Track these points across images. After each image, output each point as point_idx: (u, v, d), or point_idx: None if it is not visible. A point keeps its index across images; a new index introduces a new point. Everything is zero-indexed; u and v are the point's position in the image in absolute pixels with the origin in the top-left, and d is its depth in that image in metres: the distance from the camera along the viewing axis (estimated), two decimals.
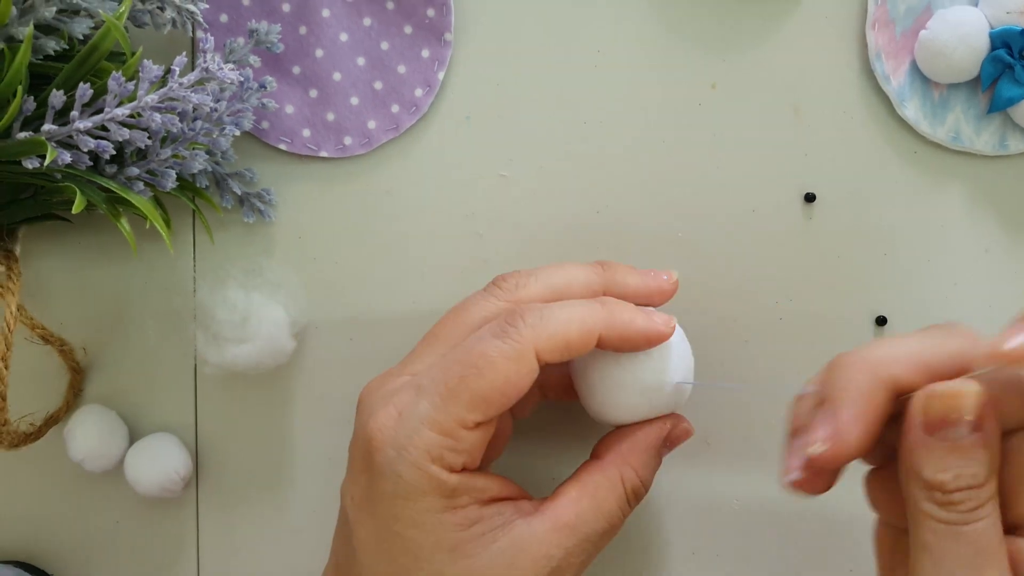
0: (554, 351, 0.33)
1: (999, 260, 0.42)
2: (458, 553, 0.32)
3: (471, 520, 0.33)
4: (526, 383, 0.32)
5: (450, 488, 0.32)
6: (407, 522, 0.33)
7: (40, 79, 0.35)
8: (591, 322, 0.33)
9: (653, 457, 0.35)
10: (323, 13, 0.41)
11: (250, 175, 0.41)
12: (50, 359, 0.42)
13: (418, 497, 0.32)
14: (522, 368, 0.32)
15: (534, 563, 0.32)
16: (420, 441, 0.32)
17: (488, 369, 0.32)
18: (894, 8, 0.41)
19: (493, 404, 0.32)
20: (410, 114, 0.41)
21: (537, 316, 0.33)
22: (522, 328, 0.33)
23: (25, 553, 0.43)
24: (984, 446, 0.28)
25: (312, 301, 0.42)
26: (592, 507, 0.34)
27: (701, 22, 0.41)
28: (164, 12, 0.36)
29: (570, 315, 0.33)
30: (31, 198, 0.38)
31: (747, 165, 0.42)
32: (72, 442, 0.41)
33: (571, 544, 0.33)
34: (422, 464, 0.32)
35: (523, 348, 0.32)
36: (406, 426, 0.33)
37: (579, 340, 0.33)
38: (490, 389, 0.32)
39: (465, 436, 0.32)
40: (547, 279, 0.36)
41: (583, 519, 0.33)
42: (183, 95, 0.34)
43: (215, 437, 0.43)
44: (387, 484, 0.33)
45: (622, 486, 0.34)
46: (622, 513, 0.34)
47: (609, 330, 0.33)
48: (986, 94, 0.41)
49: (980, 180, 0.42)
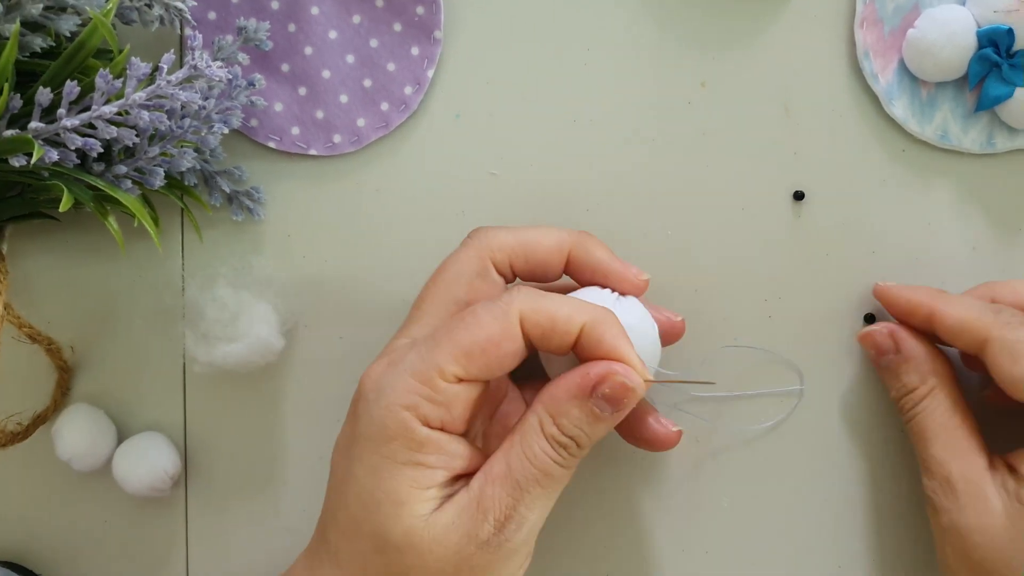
0: (537, 324, 0.33)
1: (986, 258, 0.42)
2: (405, 509, 0.32)
3: (431, 483, 0.33)
4: (509, 347, 0.33)
5: (418, 441, 0.33)
6: (367, 467, 0.33)
7: (27, 76, 0.35)
8: (581, 313, 0.33)
9: (575, 406, 0.33)
10: (312, 11, 0.41)
11: (239, 173, 0.41)
12: (38, 358, 0.41)
13: (384, 442, 0.33)
14: (505, 328, 0.33)
15: (471, 520, 0.32)
16: (400, 385, 0.33)
17: (473, 324, 0.33)
18: (882, 7, 0.41)
19: (474, 359, 0.33)
20: (400, 112, 0.41)
21: (531, 291, 0.34)
22: (514, 295, 0.34)
23: (13, 553, 0.43)
24: (905, 361, 0.39)
25: (301, 299, 0.42)
26: (518, 455, 0.33)
27: (691, 21, 0.41)
28: (152, 9, 0.36)
29: (562, 301, 0.34)
30: (18, 196, 0.37)
31: (736, 163, 0.42)
32: (60, 441, 0.41)
33: (503, 494, 0.33)
34: (394, 408, 0.33)
35: (509, 309, 0.33)
36: (391, 373, 0.34)
37: (565, 322, 0.33)
38: (471, 342, 0.33)
39: (443, 388, 0.33)
40: (518, 231, 0.37)
41: (511, 467, 0.33)
42: (171, 93, 0.34)
43: (204, 436, 0.43)
44: (361, 426, 0.34)
45: (541, 432, 0.33)
46: (549, 459, 0.33)
47: (593, 327, 0.33)
48: (973, 92, 0.41)
49: (967, 178, 0.42)
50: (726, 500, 0.43)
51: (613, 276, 0.37)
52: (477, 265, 0.37)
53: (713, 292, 0.42)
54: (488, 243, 0.37)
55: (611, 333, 0.33)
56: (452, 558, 0.32)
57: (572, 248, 0.37)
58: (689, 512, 0.43)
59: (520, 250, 0.37)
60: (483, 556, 0.32)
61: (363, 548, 0.33)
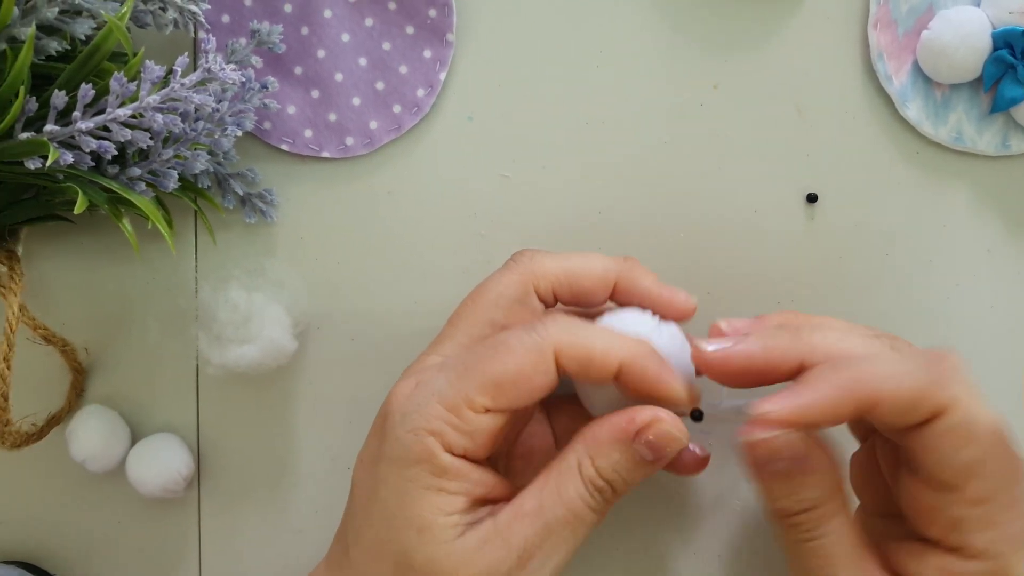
0: (573, 358, 0.32)
1: (1001, 260, 0.42)
2: (427, 535, 0.32)
3: (454, 510, 0.33)
4: (541, 380, 0.32)
5: (441, 467, 0.32)
6: (392, 488, 0.33)
7: (42, 80, 0.35)
8: (619, 348, 0.33)
9: (616, 449, 0.33)
10: (325, 14, 0.41)
11: (252, 175, 0.41)
12: (52, 359, 0.42)
13: (408, 465, 0.33)
14: (539, 362, 0.32)
15: (494, 552, 0.32)
16: (426, 411, 0.32)
17: (505, 354, 0.32)
18: (896, 8, 0.41)
19: (504, 392, 0.32)
20: (412, 114, 0.42)
21: (567, 323, 0.33)
22: (549, 326, 0.33)
23: (27, 553, 0.43)
24: (809, 472, 0.32)
25: (314, 301, 0.42)
26: (552, 494, 0.33)
27: (703, 22, 0.41)
28: (166, 13, 0.36)
29: (600, 333, 0.33)
30: (33, 199, 0.38)
31: (749, 165, 0.42)
32: (74, 442, 0.41)
33: (529, 532, 0.32)
34: (420, 433, 0.32)
35: (543, 343, 0.32)
36: (419, 396, 0.33)
37: (602, 357, 0.32)
38: (502, 374, 0.32)
39: (470, 418, 0.32)
40: (563, 258, 0.36)
41: (543, 506, 0.33)
42: (185, 95, 0.34)
43: (217, 437, 0.43)
44: (386, 447, 0.33)
45: (579, 473, 0.33)
46: (583, 503, 0.33)
47: (633, 363, 0.33)
48: (988, 94, 0.41)
49: (982, 180, 0.42)
50: (738, 502, 0.42)
51: (661, 304, 0.36)
52: (519, 290, 0.36)
53: (726, 295, 0.42)
54: (532, 268, 0.36)
55: (653, 369, 0.33)
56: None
57: (619, 278, 0.36)
58: (700, 515, 0.43)
59: (565, 278, 0.36)
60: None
61: (385, 570, 0.33)
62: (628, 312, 0.36)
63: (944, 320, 0.42)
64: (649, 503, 0.43)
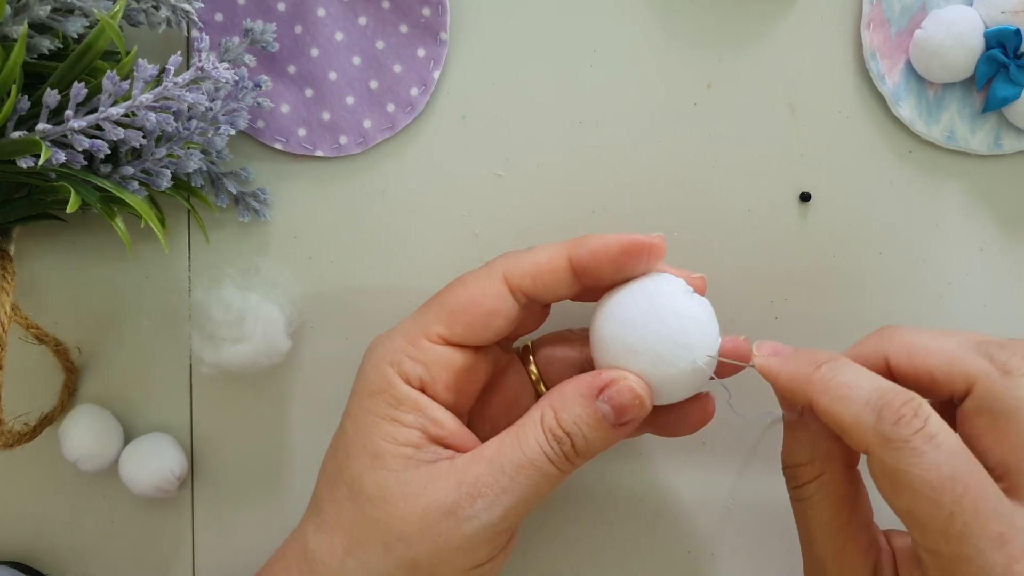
0: (524, 275, 0.34)
1: (994, 258, 0.42)
2: (379, 462, 0.33)
3: (407, 442, 0.34)
4: (494, 305, 0.34)
5: (397, 397, 0.34)
6: (352, 418, 0.35)
7: (34, 78, 0.35)
8: (559, 247, 0.34)
9: (579, 403, 0.33)
10: (319, 12, 0.41)
11: (245, 174, 0.41)
12: (45, 359, 0.42)
13: (368, 395, 0.34)
14: (488, 288, 0.34)
15: (443, 488, 0.33)
16: (389, 344, 0.35)
17: (459, 287, 0.35)
18: (889, 8, 0.41)
19: (458, 319, 0.34)
20: (406, 113, 0.41)
21: (513, 253, 0.35)
22: (497, 260, 0.35)
23: (20, 553, 0.43)
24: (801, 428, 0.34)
25: (308, 300, 0.42)
26: (511, 441, 0.33)
27: (697, 22, 0.41)
28: (159, 11, 0.36)
29: (542, 247, 0.35)
30: (25, 197, 0.37)
31: (743, 164, 0.42)
32: (67, 442, 0.41)
33: (483, 471, 0.33)
34: (380, 364, 0.34)
35: (492, 269, 0.35)
36: (386, 335, 0.36)
37: (547, 262, 0.34)
38: (455, 303, 0.34)
39: (427, 347, 0.34)
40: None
41: (500, 452, 0.33)
42: (178, 94, 0.34)
43: (211, 437, 0.43)
44: (355, 384, 0.35)
45: (540, 423, 0.33)
46: (540, 449, 0.33)
47: (577, 248, 0.34)
48: (981, 93, 0.41)
49: (975, 179, 0.42)
50: (732, 501, 0.42)
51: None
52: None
53: (719, 294, 0.42)
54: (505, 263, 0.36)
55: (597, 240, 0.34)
56: (417, 520, 0.33)
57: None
58: (694, 514, 0.43)
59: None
60: (447, 524, 0.33)
61: (340, 495, 0.34)
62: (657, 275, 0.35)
63: (937, 318, 0.42)
64: (642, 501, 0.43)
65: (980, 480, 0.29)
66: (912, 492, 0.29)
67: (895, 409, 0.30)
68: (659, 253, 0.34)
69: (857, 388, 0.31)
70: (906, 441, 0.29)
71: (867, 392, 0.30)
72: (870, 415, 0.30)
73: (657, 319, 0.33)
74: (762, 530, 0.42)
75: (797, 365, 0.32)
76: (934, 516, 0.29)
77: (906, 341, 0.33)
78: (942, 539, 0.29)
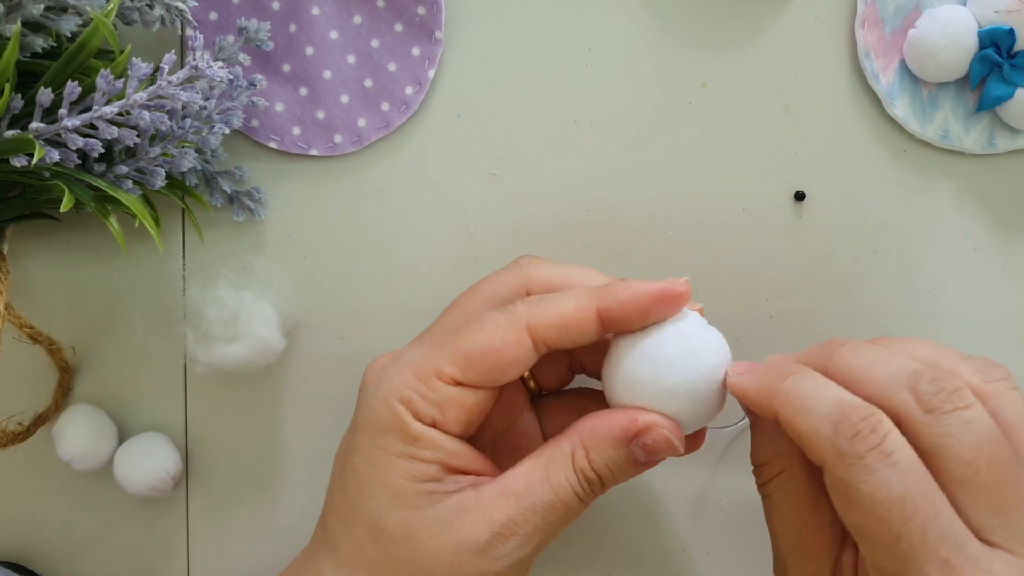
0: (549, 327, 0.33)
1: (988, 257, 0.42)
2: (401, 501, 0.33)
3: (427, 477, 0.33)
4: (512, 355, 0.33)
5: (412, 435, 0.33)
6: (363, 455, 0.33)
7: (28, 77, 0.35)
8: (586, 298, 0.33)
9: (612, 446, 0.33)
10: (313, 11, 0.41)
11: (240, 173, 0.41)
12: (39, 358, 0.41)
13: (380, 432, 0.33)
14: (510, 338, 0.33)
15: (473, 525, 0.32)
16: (397, 379, 0.33)
17: (477, 330, 0.33)
18: (883, 7, 0.41)
19: (473, 364, 0.33)
20: (400, 112, 0.41)
21: (536, 299, 0.34)
22: (519, 306, 0.34)
23: (14, 553, 0.43)
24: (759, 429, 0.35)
25: (302, 299, 0.42)
26: (541, 478, 0.33)
27: (692, 21, 0.41)
28: (153, 9, 0.36)
29: (567, 296, 0.34)
30: (19, 196, 0.37)
31: (737, 163, 0.42)
32: (61, 442, 0.41)
33: (514, 511, 0.32)
34: (390, 400, 0.33)
35: (515, 320, 0.33)
36: (392, 366, 0.34)
37: (574, 314, 0.33)
38: (472, 347, 0.33)
39: (439, 388, 0.33)
40: (561, 267, 0.36)
41: (530, 488, 0.33)
42: (172, 93, 0.34)
43: (205, 436, 0.43)
44: (360, 416, 0.34)
45: (571, 462, 0.33)
46: (572, 490, 0.33)
47: (605, 299, 0.33)
48: (974, 93, 0.41)
49: (969, 178, 0.42)
50: (727, 500, 0.43)
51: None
52: (512, 290, 0.36)
53: (714, 293, 0.42)
54: (529, 272, 0.36)
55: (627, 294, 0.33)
56: (446, 558, 0.32)
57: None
58: (690, 512, 0.43)
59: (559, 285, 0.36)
60: (477, 563, 0.32)
61: (358, 535, 0.33)
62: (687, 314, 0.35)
63: (931, 317, 0.42)
64: (638, 501, 0.43)
65: (932, 503, 0.28)
66: (861, 509, 0.29)
67: (852, 424, 0.29)
68: (687, 299, 0.34)
69: (819, 400, 0.30)
70: (860, 457, 0.29)
71: (828, 405, 0.30)
72: (828, 428, 0.30)
73: (694, 358, 0.33)
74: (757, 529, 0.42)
75: (764, 379, 0.32)
76: (881, 535, 0.29)
77: (845, 364, 0.32)
78: (888, 557, 0.29)
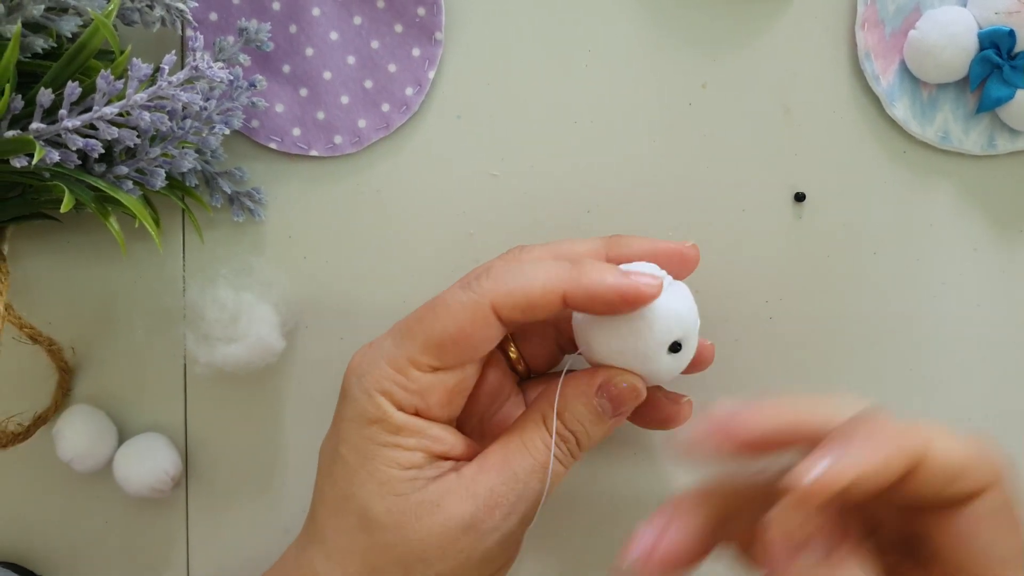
0: (514, 307, 0.33)
1: (988, 259, 0.42)
2: (387, 489, 0.33)
3: (411, 464, 0.33)
4: (482, 335, 0.33)
5: (395, 425, 0.33)
6: (351, 446, 0.34)
7: (28, 77, 0.35)
8: (555, 279, 0.33)
9: (580, 401, 0.34)
10: (313, 12, 0.41)
11: (240, 174, 0.41)
12: (38, 359, 0.41)
13: (365, 424, 0.34)
14: (476, 318, 0.33)
15: (458, 504, 0.33)
16: (376, 372, 0.34)
17: (443, 314, 0.33)
18: (883, 8, 0.41)
19: (446, 350, 0.33)
20: (400, 113, 0.41)
21: (501, 272, 0.34)
22: (484, 282, 0.33)
23: (13, 554, 0.43)
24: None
25: (302, 300, 0.42)
26: (517, 445, 0.34)
27: (692, 22, 0.41)
28: (153, 10, 0.36)
29: (535, 273, 0.33)
30: (19, 197, 0.37)
31: (737, 165, 0.42)
32: (61, 442, 0.41)
33: (495, 482, 0.33)
34: (372, 393, 0.34)
35: (479, 299, 0.33)
36: (370, 357, 0.34)
37: (541, 297, 0.33)
38: (442, 333, 0.33)
39: (417, 377, 0.33)
40: (553, 244, 0.37)
41: (508, 458, 0.33)
42: (172, 94, 0.34)
43: (205, 437, 0.43)
44: (344, 408, 0.34)
45: (543, 425, 0.34)
46: (548, 451, 0.33)
47: (575, 287, 0.32)
48: (975, 94, 0.41)
49: (969, 179, 0.42)
50: None
51: (664, 257, 0.36)
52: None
53: (714, 294, 0.42)
54: (522, 256, 0.37)
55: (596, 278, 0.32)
56: (435, 539, 0.33)
57: (609, 248, 0.36)
58: None
59: None
60: (468, 540, 0.33)
61: (348, 525, 0.34)
62: (634, 266, 0.35)
63: (930, 318, 0.42)
64: (639, 500, 0.43)
65: None
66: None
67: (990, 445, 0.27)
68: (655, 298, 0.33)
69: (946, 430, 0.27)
70: None
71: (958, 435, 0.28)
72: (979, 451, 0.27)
73: (642, 322, 0.33)
74: None
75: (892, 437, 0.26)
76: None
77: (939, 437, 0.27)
78: None
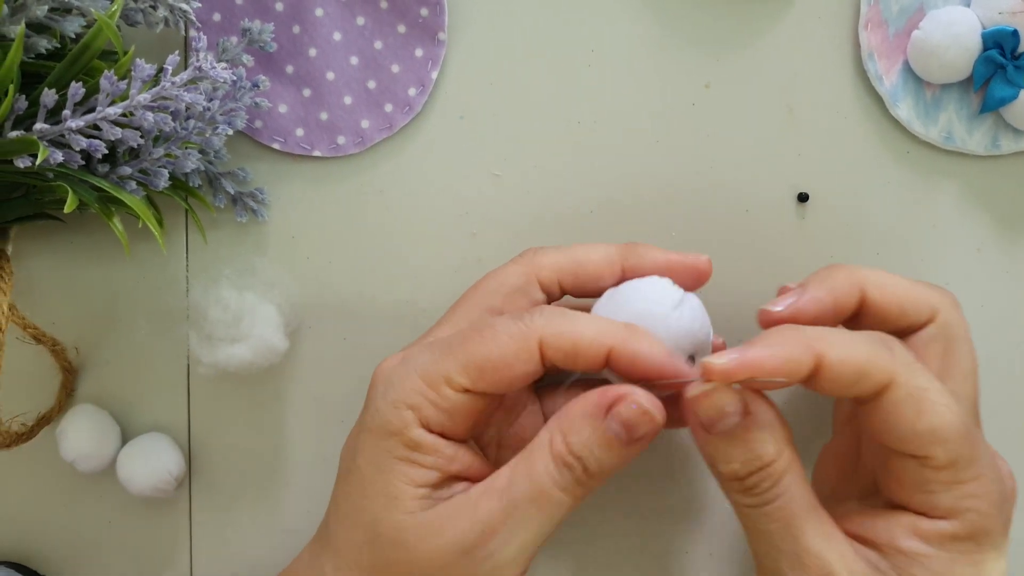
0: (559, 349, 0.32)
1: (991, 259, 0.42)
2: (397, 504, 0.33)
3: (425, 482, 0.33)
4: (522, 368, 0.32)
5: (415, 441, 0.33)
6: (368, 457, 0.34)
7: (32, 78, 0.35)
8: (607, 334, 0.32)
9: (587, 424, 0.32)
10: (316, 12, 0.41)
11: (243, 174, 0.41)
12: (42, 359, 0.41)
13: (385, 436, 0.33)
14: (521, 351, 0.32)
15: (460, 527, 0.32)
16: (407, 384, 0.33)
17: (490, 339, 0.33)
18: (887, 8, 0.41)
19: (484, 375, 0.32)
20: (403, 113, 0.41)
21: (555, 314, 0.33)
22: (536, 318, 0.33)
23: (17, 554, 0.43)
24: (758, 428, 0.32)
25: (305, 300, 0.42)
26: (523, 471, 0.32)
27: (695, 22, 0.41)
28: (157, 11, 0.36)
29: (588, 322, 0.33)
30: (23, 197, 0.37)
31: (741, 165, 0.42)
32: (64, 442, 0.41)
33: (495, 508, 0.32)
34: (398, 406, 0.33)
35: (529, 333, 0.32)
36: (402, 369, 0.34)
37: (588, 347, 0.32)
38: (484, 358, 0.32)
39: (448, 395, 0.33)
40: (567, 249, 0.37)
41: (512, 483, 0.32)
42: (176, 94, 0.34)
43: (208, 437, 0.43)
44: (367, 417, 0.34)
45: (549, 449, 0.32)
46: (550, 479, 0.32)
47: (623, 348, 0.32)
48: (978, 94, 0.41)
49: (972, 180, 0.42)
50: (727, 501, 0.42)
51: (678, 270, 0.36)
52: (520, 280, 0.36)
53: (717, 294, 0.42)
54: (535, 260, 0.36)
55: (644, 352, 0.32)
56: (436, 561, 0.32)
57: (624, 258, 0.36)
58: (692, 513, 0.43)
59: (569, 267, 0.36)
60: (464, 565, 0.32)
61: (357, 538, 0.34)
62: (648, 281, 0.35)
63: None
64: (640, 501, 0.43)
65: None
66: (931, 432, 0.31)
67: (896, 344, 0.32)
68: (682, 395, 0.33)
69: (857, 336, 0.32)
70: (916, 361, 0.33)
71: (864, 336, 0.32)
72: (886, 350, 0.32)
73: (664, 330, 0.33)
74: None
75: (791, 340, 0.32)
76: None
77: (876, 277, 0.35)
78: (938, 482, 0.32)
